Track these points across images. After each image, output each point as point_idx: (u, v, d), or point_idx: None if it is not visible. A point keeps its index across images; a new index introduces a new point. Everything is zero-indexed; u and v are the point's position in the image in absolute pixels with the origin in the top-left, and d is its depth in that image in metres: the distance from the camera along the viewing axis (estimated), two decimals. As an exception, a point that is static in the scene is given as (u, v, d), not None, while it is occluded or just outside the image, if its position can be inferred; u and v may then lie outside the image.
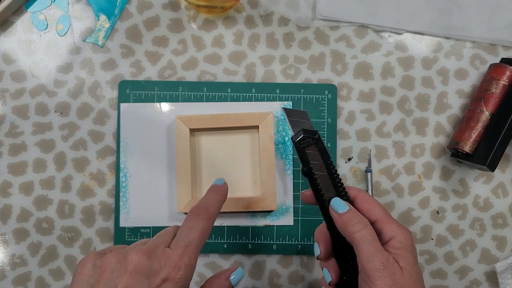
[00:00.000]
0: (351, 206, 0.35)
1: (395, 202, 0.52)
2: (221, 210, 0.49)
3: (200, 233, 0.33)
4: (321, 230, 0.38)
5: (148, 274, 0.30)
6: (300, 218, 0.51)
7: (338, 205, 0.35)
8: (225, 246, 0.51)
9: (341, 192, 0.36)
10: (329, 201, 0.36)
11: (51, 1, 0.52)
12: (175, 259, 0.31)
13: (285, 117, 0.38)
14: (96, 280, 0.30)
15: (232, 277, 0.35)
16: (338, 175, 0.37)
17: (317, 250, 0.37)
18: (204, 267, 0.51)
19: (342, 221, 0.34)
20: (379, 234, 0.34)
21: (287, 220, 0.51)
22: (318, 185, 0.36)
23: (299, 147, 0.37)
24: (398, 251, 0.33)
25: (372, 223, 0.34)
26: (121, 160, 0.51)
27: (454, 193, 0.52)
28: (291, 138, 0.37)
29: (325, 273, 0.37)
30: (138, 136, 0.51)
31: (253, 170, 0.50)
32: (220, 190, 0.38)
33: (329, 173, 0.36)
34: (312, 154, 0.37)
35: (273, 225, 0.51)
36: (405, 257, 0.33)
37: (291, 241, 0.51)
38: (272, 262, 0.52)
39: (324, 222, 0.37)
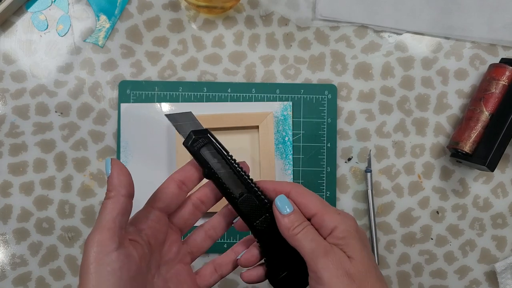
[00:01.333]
0: (295, 207, 0.33)
1: (395, 202, 0.52)
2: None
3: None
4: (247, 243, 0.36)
5: None
6: (300, 218, 0.51)
7: (282, 204, 0.33)
8: (225, 246, 0.51)
9: (250, 184, 0.34)
10: (239, 197, 0.34)
11: (52, 2, 0.52)
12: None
13: (171, 123, 0.36)
14: None
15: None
16: (242, 168, 0.35)
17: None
18: (204, 267, 0.51)
19: (285, 223, 0.32)
20: (320, 227, 0.32)
21: (287, 220, 0.51)
22: (223, 184, 0.34)
23: (193, 150, 0.35)
24: (342, 241, 0.31)
25: (311, 217, 0.33)
26: (121, 160, 0.51)
27: (454, 193, 0.52)
28: (183, 143, 0.35)
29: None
30: (138, 136, 0.51)
31: (253, 170, 0.51)
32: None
33: (231, 168, 0.35)
34: (209, 154, 0.35)
35: (273, 225, 0.51)
36: (351, 245, 0.31)
37: (291, 241, 0.51)
38: (272, 262, 0.52)
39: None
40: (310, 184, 0.51)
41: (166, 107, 0.51)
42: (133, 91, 0.51)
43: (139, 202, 0.51)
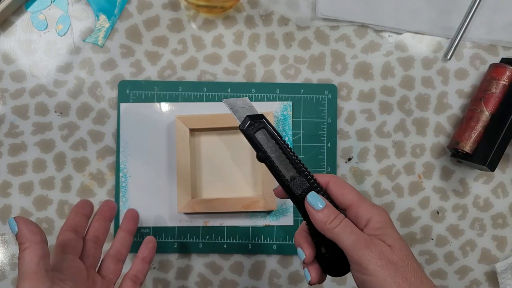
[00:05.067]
0: (326, 201, 0.34)
1: (395, 202, 0.52)
2: (221, 210, 0.49)
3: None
4: (301, 234, 0.36)
5: None
6: (300, 218, 0.51)
7: (314, 201, 0.34)
8: (225, 246, 0.51)
9: (301, 168, 0.35)
10: (291, 180, 0.35)
11: (51, 1, 0.52)
12: None
13: (228, 108, 0.37)
14: None
15: None
16: (294, 152, 0.36)
17: (302, 254, 0.35)
18: (204, 267, 0.51)
19: (319, 218, 0.33)
20: (355, 218, 0.33)
21: (287, 220, 0.51)
22: (277, 167, 0.35)
23: (249, 133, 0.36)
24: (380, 231, 0.32)
25: (347, 208, 0.34)
26: (121, 160, 0.51)
27: (454, 193, 0.52)
28: (239, 127, 0.36)
29: (306, 273, 0.35)
30: (138, 136, 0.51)
31: (253, 170, 0.50)
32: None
33: (284, 152, 0.36)
34: (264, 138, 0.36)
35: (273, 225, 0.51)
36: (389, 234, 0.32)
37: (291, 241, 0.51)
38: (272, 262, 0.52)
39: (301, 225, 0.37)
40: (310, 184, 0.51)
41: (166, 107, 0.51)
42: (132, 90, 0.51)
43: (140, 201, 0.51)
